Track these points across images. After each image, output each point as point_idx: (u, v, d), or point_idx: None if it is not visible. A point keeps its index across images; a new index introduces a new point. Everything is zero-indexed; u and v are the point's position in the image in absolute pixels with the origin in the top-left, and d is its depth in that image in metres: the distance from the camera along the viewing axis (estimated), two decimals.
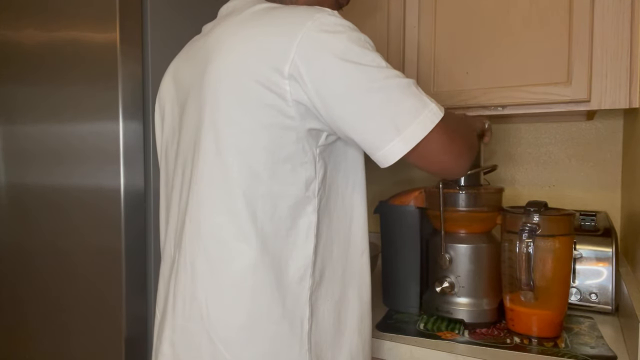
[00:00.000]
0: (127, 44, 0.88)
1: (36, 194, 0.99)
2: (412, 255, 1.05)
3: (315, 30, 0.63)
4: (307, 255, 0.69)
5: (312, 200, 0.69)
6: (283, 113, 0.65)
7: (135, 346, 0.90)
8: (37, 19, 0.97)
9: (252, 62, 0.65)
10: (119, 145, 0.87)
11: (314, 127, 0.67)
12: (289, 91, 0.64)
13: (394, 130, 0.64)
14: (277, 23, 0.66)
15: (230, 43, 0.68)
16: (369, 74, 0.63)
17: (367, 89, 0.63)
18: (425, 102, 0.65)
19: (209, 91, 0.69)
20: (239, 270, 0.67)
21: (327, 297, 0.72)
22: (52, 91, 0.95)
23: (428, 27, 1.13)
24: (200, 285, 0.68)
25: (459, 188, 1.01)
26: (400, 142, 0.64)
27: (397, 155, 0.65)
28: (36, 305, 1.00)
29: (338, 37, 0.64)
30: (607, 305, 1.02)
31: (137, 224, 0.90)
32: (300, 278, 0.69)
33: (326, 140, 0.70)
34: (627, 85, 0.95)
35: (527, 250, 0.87)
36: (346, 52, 0.63)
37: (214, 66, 0.68)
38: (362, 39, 0.66)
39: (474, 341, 0.90)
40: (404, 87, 0.65)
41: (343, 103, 0.64)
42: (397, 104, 0.64)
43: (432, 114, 0.65)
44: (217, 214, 0.68)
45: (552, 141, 1.32)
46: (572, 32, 0.98)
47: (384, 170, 0.68)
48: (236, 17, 0.72)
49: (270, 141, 0.66)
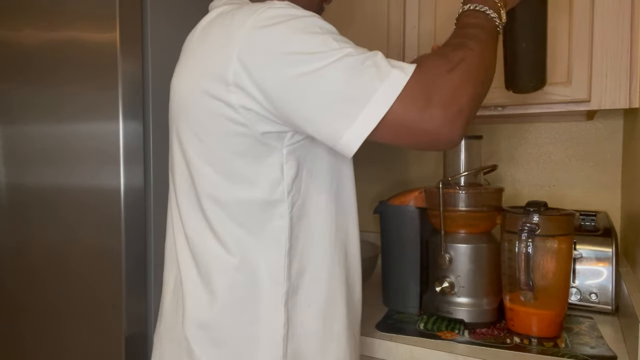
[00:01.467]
0: (127, 44, 0.88)
1: (36, 194, 0.99)
2: (412, 255, 1.05)
3: (252, 29, 0.61)
4: (279, 259, 0.68)
5: (281, 204, 0.67)
6: (233, 120, 0.64)
7: (135, 346, 0.90)
8: (37, 19, 0.97)
9: (199, 73, 0.66)
10: (119, 145, 0.87)
11: (268, 130, 0.64)
12: (235, 98, 0.62)
13: (348, 115, 0.58)
14: (222, 26, 0.65)
15: (188, 50, 0.71)
16: (315, 62, 0.59)
17: (315, 77, 0.59)
18: (382, 73, 0.58)
19: (173, 101, 0.72)
20: (219, 272, 0.68)
21: (307, 302, 0.70)
22: (52, 91, 0.95)
23: (428, 27, 1.13)
24: (185, 287, 0.70)
25: (459, 188, 1.01)
26: (358, 126, 0.58)
27: (358, 140, 0.59)
28: (36, 305, 1.00)
29: (277, 29, 0.60)
30: (607, 305, 1.02)
31: (137, 224, 0.90)
32: (273, 282, 0.67)
33: (293, 139, 0.66)
34: (627, 85, 0.95)
35: (526, 250, 0.87)
36: (284, 44, 0.60)
37: (175, 75, 0.72)
38: (307, 23, 0.61)
39: (474, 341, 0.90)
40: (356, 65, 0.59)
41: (290, 98, 0.60)
42: (349, 86, 0.58)
43: (393, 82, 0.58)
44: (192, 219, 0.70)
45: (552, 141, 1.32)
46: (572, 32, 0.98)
47: (384, 170, 0.68)
48: (203, 20, 0.71)
49: (227, 148, 0.65)
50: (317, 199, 0.71)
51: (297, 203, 0.69)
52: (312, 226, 0.70)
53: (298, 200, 0.69)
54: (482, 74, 0.64)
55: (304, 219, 0.69)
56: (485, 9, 0.69)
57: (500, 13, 0.70)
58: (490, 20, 0.69)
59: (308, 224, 0.70)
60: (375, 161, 1.51)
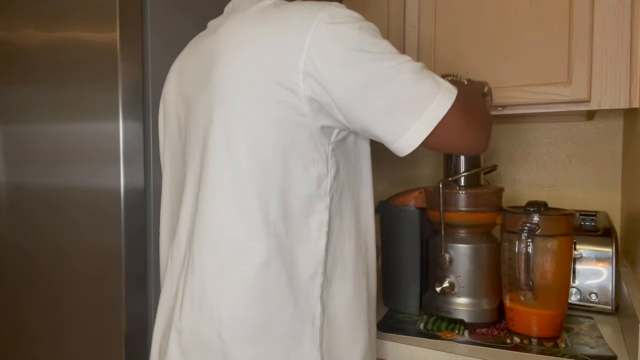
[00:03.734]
0: (127, 44, 0.88)
1: (36, 194, 0.99)
2: (412, 255, 1.05)
3: (327, 23, 0.63)
4: (319, 252, 0.69)
5: (324, 198, 0.69)
6: (295, 110, 0.64)
7: (135, 345, 0.90)
8: (37, 19, 0.97)
9: (263, 58, 0.65)
10: (119, 145, 0.87)
11: (326, 124, 0.67)
12: (303, 87, 0.63)
13: (415, 112, 0.64)
14: (288, 18, 0.66)
15: (240, 39, 0.68)
16: (385, 62, 0.63)
17: (384, 77, 0.63)
18: (439, 82, 0.66)
19: (218, 88, 0.68)
20: (250, 269, 0.66)
21: (338, 294, 0.72)
22: (52, 91, 0.95)
23: (428, 27, 1.13)
24: (210, 285, 0.68)
25: (459, 188, 1.01)
26: (422, 124, 0.64)
27: (419, 139, 0.65)
28: (36, 305, 1.00)
29: (350, 27, 0.63)
30: (607, 305, 1.02)
31: (137, 224, 0.90)
32: (312, 275, 0.69)
33: (337, 137, 0.69)
34: (627, 85, 0.95)
35: (526, 250, 0.87)
36: (360, 43, 0.63)
37: (223, 63, 0.67)
38: (372, 28, 0.66)
39: (474, 341, 0.90)
40: (418, 70, 0.65)
41: (362, 95, 0.64)
42: (414, 88, 0.64)
43: (448, 92, 0.65)
44: (227, 213, 0.67)
45: (552, 141, 1.32)
46: (572, 32, 0.98)
47: (384, 170, 0.68)
48: (244, 13, 0.71)
49: (282, 138, 0.65)
50: (348, 195, 0.74)
51: (334, 198, 0.71)
52: (344, 221, 0.73)
53: (335, 196, 0.71)
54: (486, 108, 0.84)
55: (338, 213, 0.72)
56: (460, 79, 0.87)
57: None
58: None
59: (341, 218, 0.73)
60: (375, 161, 1.51)
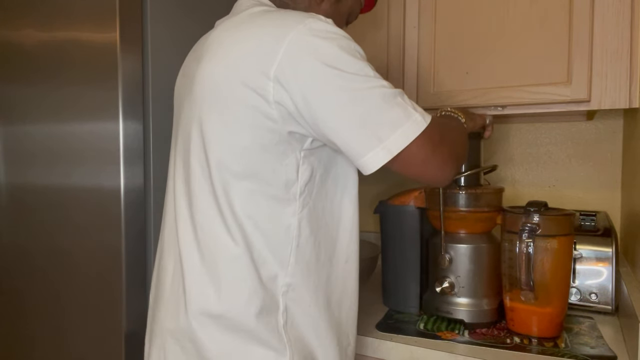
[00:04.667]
0: (127, 44, 0.88)
1: (36, 194, 0.99)
2: (412, 255, 1.05)
3: (305, 34, 0.64)
4: (284, 256, 0.70)
5: (293, 203, 0.70)
6: (265, 115, 0.66)
7: (135, 344, 0.90)
8: (37, 19, 0.97)
9: (239, 63, 0.67)
10: (119, 145, 0.87)
11: (295, 130, 0.68)
12: (272, 93, 0.65)
13: (376, 139, 0.65)
14: (268, 25, 0.68)
15: (223, 43, 0.70)
16: (355, 82, 0.64)
17: (352, 97, 0.64)
18: (409, 113, 0.66)
19: (199, 89, 0.71)
20: (225, 262, 0.69)
21: (302, 302, 0.72)
22: (52, 91, 0.95)
23: (428, 27, 1.13)
24: (190, 276, 0.71)
25: (459, 188, 1.01)
26: (382, 151, 0.65)
27: (378, 163, 0.66)
28: (36, 304, 1.00)
29: (328, 43, 0.64)
30: (607, 305, 1.02)
31: (137, 224, 0.90)
32: (275, 276, 0.70)
33: (311, 145, 0.70)
34: (627, 85, 0.95)
35: (527, 250, 0.87)
36: (335, 59, 0.64)
37: (205, 65, 0.71)
38: (352, 48, 0.66)
39: (474, 341, 0.90)
40: (389, 97, 0.65)
41: (327, 109, 0.64)
42: (380, 113, 0.65)
43: (415, 124, 0.66)
44: (208, 208, 0.70)
45: (552, 141, 1.32)
46: (572, 32, 0.98)
47: (384, 171, 0.68)
48: (235, 17, 0.74)
49: (252, 141, 0.67)
50: (326, 202, 0.74)
51: (308, 204, 0.71)
52: (322, 228, 0.74)
53: (309, 203, 0.72)
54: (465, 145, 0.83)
55: (314, 220, 0.72)
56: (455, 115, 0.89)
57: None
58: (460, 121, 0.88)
59: (318, 226, 0.73)
60: None
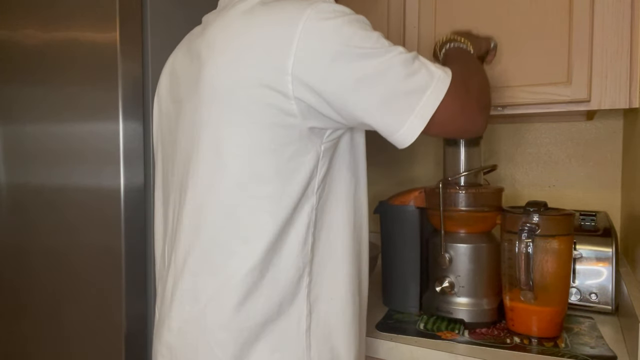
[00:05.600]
0: (127, 44, 0.88)
1: (36, 194, 0.99)
2: (412, 255, 1.05)
3: (314, 19, 0.61)
4: (306, 253, 0.68)
5: (311, 198, 0.69)
6: (284, 111, 0.63)
7: (135, 344, 0.90)
8: (37, 19, 0.97)
9: (250, 59, 0.63)
10: (119, 145, 0.87)
11: (315, 125, 0.66)
12: (291, 88, 0.62)
13: (408, 108, 0.64)
14: (274, 17, 0.64)
15: (226, 41, 0.66)
16: (376, 57, 0.62)
17: (377, 73, 0.62)
18: (431, 72, 0.65)
19: (206, 90, 0.66)
20: (238, 271, 0.65)
21: (328, 295, 0.71)
22: (52, 91, 0.95)
23: (428, 27, 1.13)
24: (201, 286, 0.67)
25: (459, 188, 1.01)
26: (416, 119, 0.64)
27: (416, 131, 0.65)
28: (36, 305, 1.00)
29: (339, 23, 0.62)
30: (607, 305, 1.02)
31: (137, 224, 0.90)
32: (299, 277, 0.68)
33: (329, 137, 0.69)
34: (627, 85, 0.95)
35: (526, 250, 0.87)
36: (349, 39, 0.62)
37: (210, 65, 0.66)
38: (361, 21, 0.64)
39: (474, 341, 0.90)
40: (409, 62, 0.64)
41: (355, 91, 0.63)
42: (406, 82, 0.63)
43: (440, 82, 0.65)
44: (217, 216, 0.67)
45: (552, 141, 1.32)
46: (572, 32, 0.98)
47: (384, 170, 0.68)
48: (231, 12, 0.69)
49: (272, 141, 0.64)
50: (340, 194, 0.73)
51: (322, 197, 0.70)
52: (334, 220, 0.72)
53: (323, 195, 0.70)
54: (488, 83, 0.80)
55: (327, 214, 0.71)
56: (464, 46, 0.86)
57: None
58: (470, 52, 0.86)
59: (331, 218, 0.72)
60: (375, 161, 1.51)
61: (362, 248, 0.79)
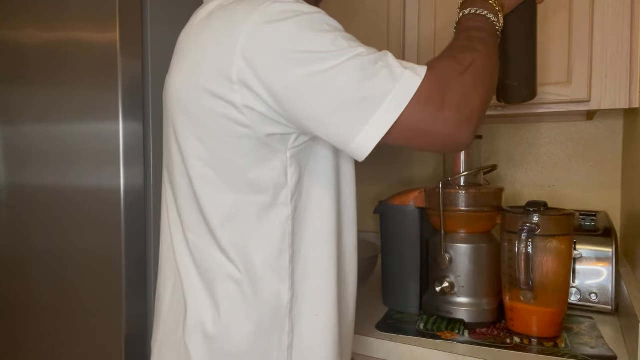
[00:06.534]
0: (127, 43, 0.88)
1: (36, 194, 0.99)
2: (412, 255, 1.05)
3: (257, 24, 0.58)
4: (284, 266, 0.65)
5: (284, 209, 0.64)
6: (236, 121, 0.60)
7: (135, 345, 0.90)
8: (37, 19, 0.97)
9: (199, 70, 0.61)
10: (119, 145, 0.87)
11: (273, 132, 0.61)
12: (239, 97, 0.59)
13: (363, 116, 0.57)
14: (224, 21, 0.61)
15: (186, 46, 0.66)
16: (325, 61, 0.56)
17: (325, 78, 0.56)
18: (395, 74, 0.57)
19: (169, 100, 0.67)
20: (221, 279, 0.65)
21: (312, 312, 0.67)
22: (53, 91, 0.95)
23: (428, 27, 1.13)
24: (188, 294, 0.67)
25: (459, 188, 1.01)
26: (372, 127, 0.57)
27: (372, 143, 0.58)
28: (36, 305, 1.00)
29: (285, 25, 0.57)
30: (607, 305, 1.02)
31: (137, 224, 0.90)
32: (278, 291, 0.65)
33: (297, 142, 0.64)
34: (627, 85, 0.95)
35: (526, 250, 0.87)
36: (295, 42, 0.57)
37: (173, 74, 0.67)
38: (314, 21, 0.58)
39: (474, 341, 0.90)
40: (368, 65, 0.57)
41: (301, 99, 0.57)
42: (361, 87, 0.56)
43: (406, 84, 0.57)
44: (196, 224, 0.66)
45: (552, 141, 1.32)
46: (572, 32, 0.98)
47: (383, 171, 0.67)
48: (195, 18, 0.67)
49: (230, 151, 0.62)
50: (319, 201, 0.68)
51: (299, 207, 0.66)
52: (314, 229, 0.68)
53: (300, 204, 0.66)
54: (489, 78, 0.64)
55: (307, 222, 0.67)
56: (485, 12, 0.69)
57: (499, 17, 0.70)
58: (491, 24, 0.69)
59: (312, 227, 0.67)
60: (375, 161, 1.51)
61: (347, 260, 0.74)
